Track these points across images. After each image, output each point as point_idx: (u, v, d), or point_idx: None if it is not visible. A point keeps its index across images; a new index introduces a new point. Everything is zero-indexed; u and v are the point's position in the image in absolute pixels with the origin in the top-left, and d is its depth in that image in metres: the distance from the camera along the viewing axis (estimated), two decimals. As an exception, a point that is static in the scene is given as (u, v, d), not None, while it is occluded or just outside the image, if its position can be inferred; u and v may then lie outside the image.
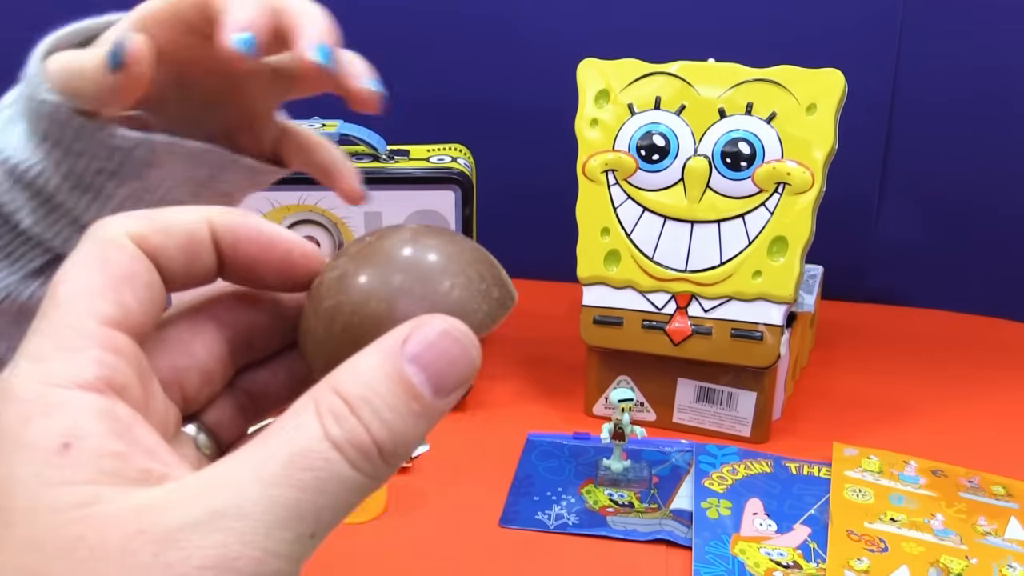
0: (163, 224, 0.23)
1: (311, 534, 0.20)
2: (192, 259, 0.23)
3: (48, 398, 0.20)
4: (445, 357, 0.22)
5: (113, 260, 0.22)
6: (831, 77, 0.66)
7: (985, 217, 0.93)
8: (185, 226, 0.23)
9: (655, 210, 0.70)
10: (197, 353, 0.24)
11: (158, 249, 0.23)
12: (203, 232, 0.23)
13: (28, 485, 0.19)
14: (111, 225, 0.22)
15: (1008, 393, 0.80)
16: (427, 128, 0.85)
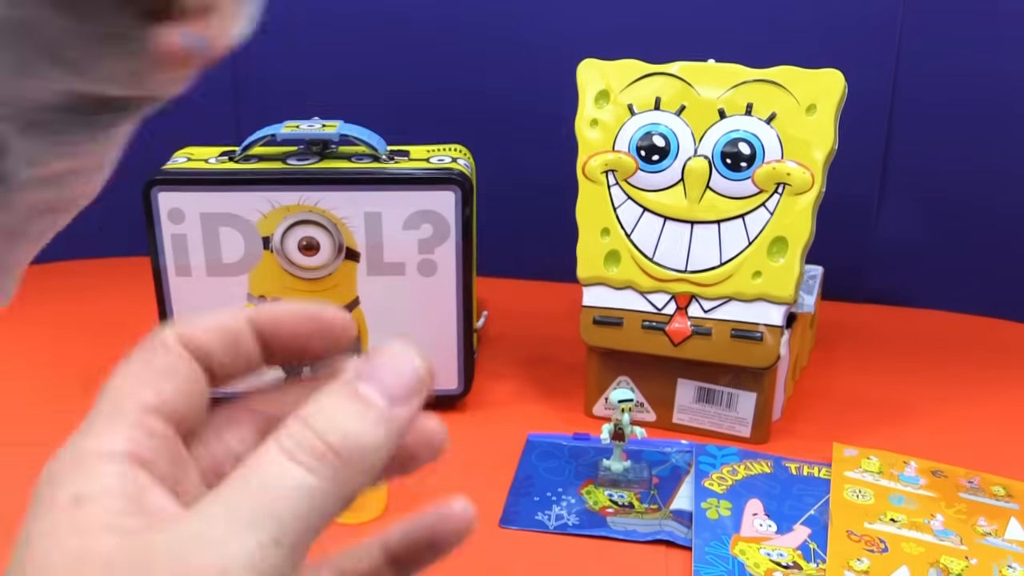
0: (207, 324, 0.26)
1: (275, 541, 0.21)
2: (235, 350, 0.27)
3: (77, 462, 0.24)
4: (391, 367, 0.24)
5: (158, 358, 0.26)
6: (831, 77, 0.66)
7: (985, 217, 0.93)
8: (226, 323, 0.27)
9: (655, 210, 0.70)
10: (230, 443, 0.27)
11: (203, 347, 0.26)
12: (241, 325, 0.27)
13: (42, 536, 0.23)
14: (164, 331, 0.26)
15: (1008, 393, 0.80)
16: (427, 128, 0.85)
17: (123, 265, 1.07)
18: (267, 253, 0.70)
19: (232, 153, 0.73)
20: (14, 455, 0.70)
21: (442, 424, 0.28)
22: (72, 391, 0.79)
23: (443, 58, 0.98)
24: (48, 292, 1.01)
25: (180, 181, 0.69)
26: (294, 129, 0.71)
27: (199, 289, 0.71)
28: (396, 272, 0.71)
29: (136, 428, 0.24)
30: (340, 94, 1.01)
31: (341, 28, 0.99)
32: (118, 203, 0.97)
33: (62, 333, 0.90)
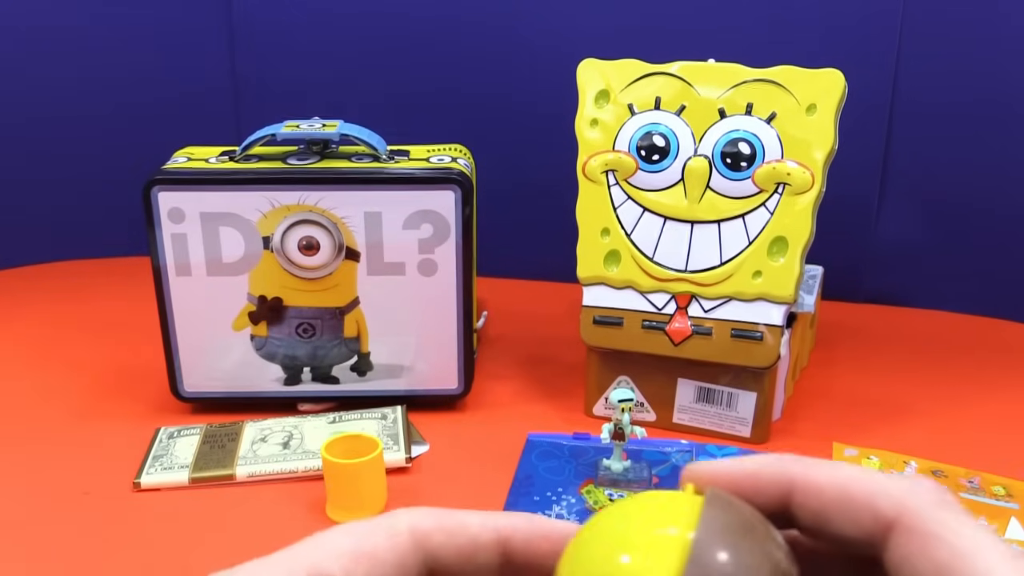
0: (452, 526, 0.26)
1: None
2: (468, 560, 0.26)
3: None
4: None
5: (373, 539, 0.25)
6: (831, 77, 0.66)
7: (985, 217, 0.93)
8: (470, 530, 0.26)
9: (655, 210, 0.70)
10: None
11: (438, 548, 0.26)
12: (487, 537, 0.26)
13: None
14: (405, 514, 0.26)
15: (1008, 393, 0.80)
16: (427, 128, 0.85)
17: (123, 265, 1.07)
18: (267, 253, 0.70)
19: (232, 153, 0.73)
20: (14, 455, 0.70)
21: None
22: (72, 391, 0.79)
23: (443, 58, 0.98)
24: (48, 292, 1.01)
25: (180, 181, 0.69)
26: (294, 129, 0.71)
27: (199, 289, 0.71)
28: (396, 272, 0.71)
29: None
30: (340, 94, 1.01)
31: (341, 28, 1.00)
32: (118, 203, 0.98)
33: (62, 333, 0.90)
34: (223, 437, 0.70)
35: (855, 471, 0.25)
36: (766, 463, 0.26)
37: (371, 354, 0.74)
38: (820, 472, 0.25)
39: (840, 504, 0.25)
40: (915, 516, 0.24)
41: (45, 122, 1.04)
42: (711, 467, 0.27)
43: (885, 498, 0.24)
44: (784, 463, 0.26)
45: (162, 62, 1.04)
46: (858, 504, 0.24)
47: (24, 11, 1.00)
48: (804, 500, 0.26)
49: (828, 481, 0.25)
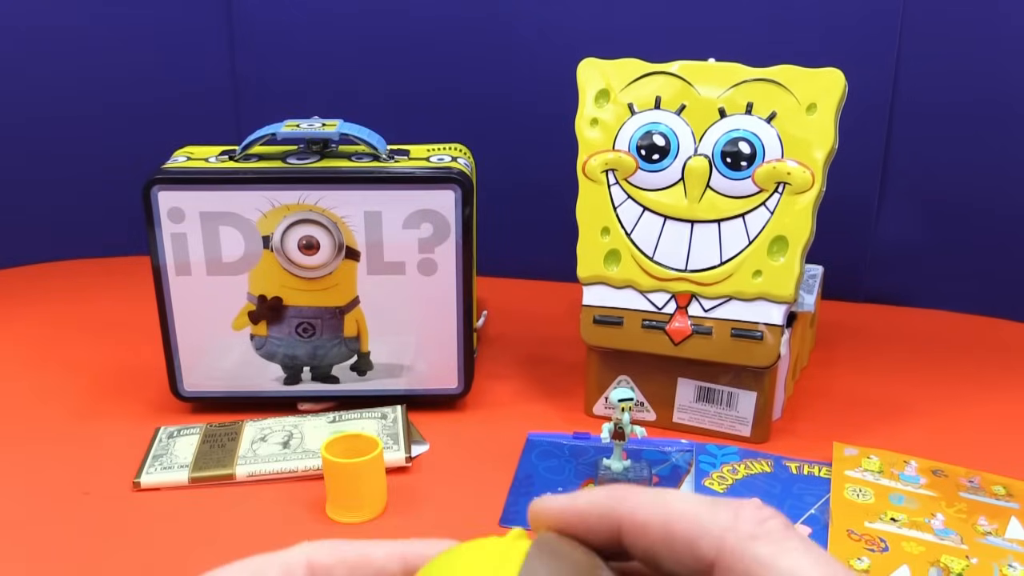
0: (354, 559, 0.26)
1: None
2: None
3: None
4: None
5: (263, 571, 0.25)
6: (831, 77, 0.66)
7: (985, 217, 0.93)
8: (375, 562, 0.26)
9: (655, 210, 0.70)
10: None
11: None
12: (393, 567, 0.26)
13: None
14: (303, 549, 0.26)
15: (1008, 393, 0.80)
16: (427, 128, 0.85)
17: (123, 265, 1.07)
18: (267, 252, 0.70)
19: (232, 152, 0.73)
20: (14, 455, 0.70)
21: None
22: (72, 391, 0.79)
23: (443, 58, 0.98)
24: (48, 292, 1.01)
25: (180, 180, 0.69)
26: (294, 128, 0.71)
27: (199, 288, 0.71)
28: (396, 271, 0.71)
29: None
30: (340, 94, 1.01)
31: (341, 28, 1.00)
32: (118, 203, 0.98)
33: (62, 333, 0.90)
34: (223, 437, 0.70)
35: (679, 506, 0.25)
36: (595, 501, 0.26)
37: (371, 354, 0.74)
38: (645, 510, 0.25)
39: (664, 544, 0.25)
40: (732, 555, 0.23)
41: (45, 122, 1.04)
42: (544, 507, 0.26)
43: (705, 539, 0.24)
44: (613, 500, 0.26)
45: (162, 62, 1.04)
46: (680, 545, 0.24)
47: (24, 11, 1.00)
48: (632, 540, 0.25)
49: (652, 520, 0.25)
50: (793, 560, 0.23)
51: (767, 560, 0.23)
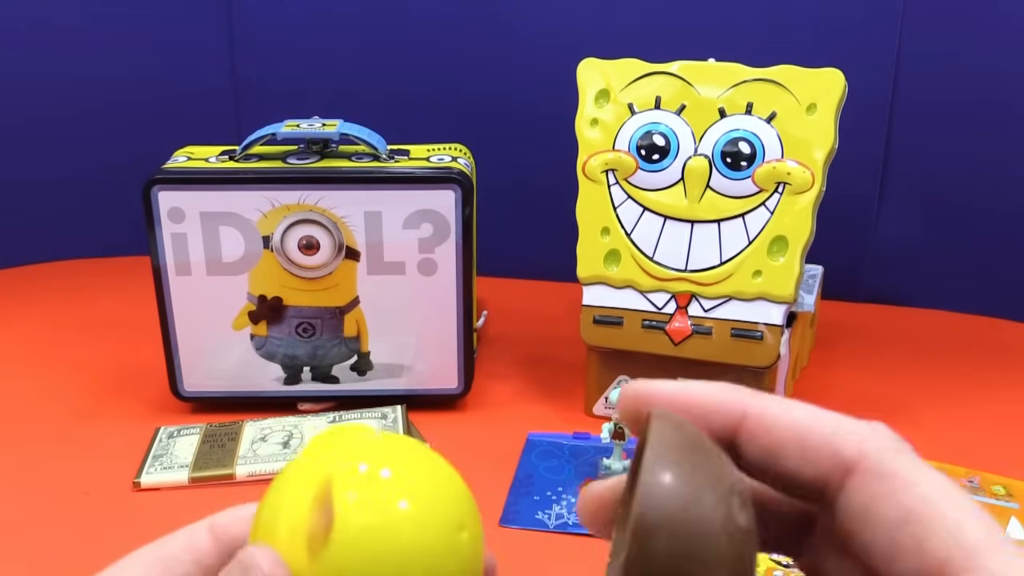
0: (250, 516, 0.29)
1: None
2: None
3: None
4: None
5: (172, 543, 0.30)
6: (831, 77, 0.66)
7: (985, 217, 0.93)
8: None
9: (655, 210, 0.70)
10: None
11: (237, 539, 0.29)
12: None
13: None
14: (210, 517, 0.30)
15: (1008, 393, 0.80)
16: (427, 128, 0.85)
17: (123, 265, 1.07)
18: (267, 252, 0.70)
19: (232, 152, 0.73)
20: (14, 455, 0.70)
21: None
22: (72, 391, 0.79)
23: (443, 58, 0.98)
24: (48, 292, 1.01)
25: (180, 180, 0.69)
26: (294, 128, 0.71)
27: (199, 288, 0.71)
28: (396, 271, 0.71)
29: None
30: (340, 94, 1.01)
31: (341, 28, 1.00)
32: (118, 203, 0.98)
33: (62, 333, 0.90)
34: (223, 437, 0.70)
35: (812, 410, 0.24)
36: (719, 389, 0.25)
37: (371, 354, 0.74)
38: (775, 407, 0.24)
39: (796, 442, 0.24)
40: (878, 460, 0.23)
41: (45, 122, 1.04)
42: (649, 390, 0.26)
43: (848, 439, 0.24)
44: (738, 392, 0.25)
45: (162, 62, 1.04)
46: (817, 443, 0.24)
47: (24, 11, 1.00)
48: (755, 434, 0.24)
49: (784, 417, 0.24)
50: (940, 479, 0.22)
51: (916, 472, 0.22)
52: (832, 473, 0.24)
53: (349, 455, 0.25)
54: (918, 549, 0.22)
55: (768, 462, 0.24)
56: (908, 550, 0.22)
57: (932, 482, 0.22)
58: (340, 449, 0.25)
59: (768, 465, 0.24)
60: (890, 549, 0.22)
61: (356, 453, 0.25)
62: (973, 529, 0.22)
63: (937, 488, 0.22)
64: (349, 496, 0.23)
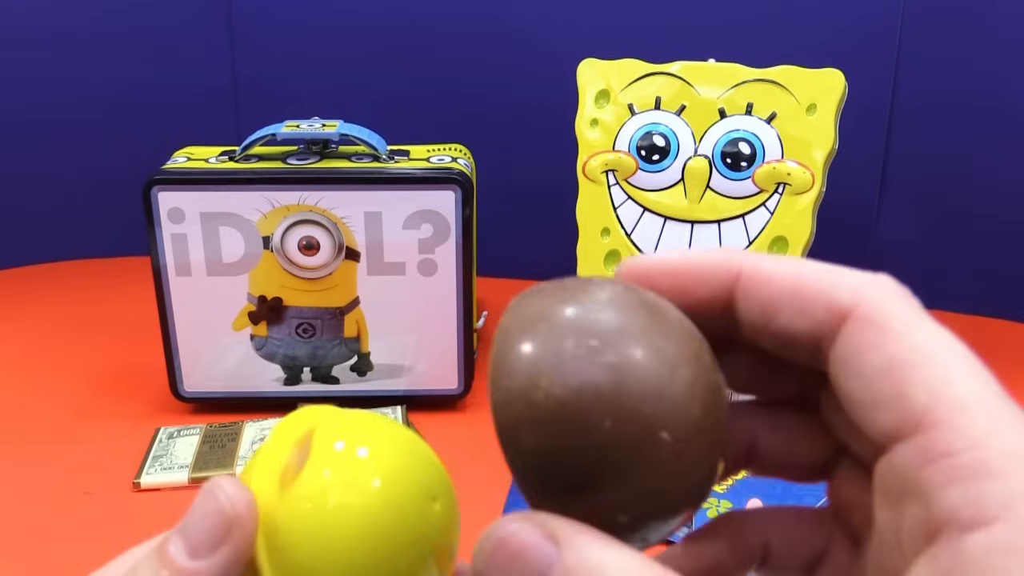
0: None
1: None
2: None
3: None
4: (198, 514, 0.23)
5: None
6: (831, 77, 0.66)
7: (985, 217, 0.93)
8: None
9: (655, 210, 0.70)
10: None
11: None
12: None
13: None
14: None
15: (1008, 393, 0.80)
16: (427, 128, 0.85)
17: (123, 265, 1.07)
18: (267, 252, 0.70)
19: (232, 153, 0.73)
20: (14, 455, 0.70)
21: None
22: (72, 391, 0.79)
23: (443, 58, 0.98)
24: (48, 292, 1.01)
25: (180, 180, 0.69)
26: (294, 129, 0.71)
27: (199, 289, 0.71)
28: (396, 272, 0.71)
29: None
30: (340, 94, 1.01)
31: (341, 28, 1.00)
32: (118, 203, 0.98)
33: (62, 333, 0.90)
34: (223, 437, 0.70)
35: (810, 262, 0.23)
36: (713, 252, 0.24)
37: (371, 354, 0.74)
38: (771, 261, 0.24)
39: (792, 293, 0.23)
40: (873, 306, 0.22)
41: (45, 122, 1.04)
42: (652, 259, 0.25)
43: (843, 287, 0.22)
44: (733, 253, 0.24)
45: (162, 62, 1.04)
46: (812, 292, 0.23)
47: (24, 11, 1.00)
48: (750, 290, 0.23)
49: (779, 269, 0.23)
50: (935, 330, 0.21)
51: (911, 320, 0.21)
52: (827, 323, 0.22)
53: (329, 420, 0.24)
54: (898, 398, 0.20)
55: (766, 319, 0.23)
56: (888, 400, 0.20)
57: (928, 331, 0.21)
58: (317, 416, 0.25)
59: (766, 323, 0.23)
60: (871, 399, 0.20)
61: (335, 419, 0.25)
62: (962, 381, 0.20)
63: (932, 338, 0.21)
64: (329, 443, 0.23)
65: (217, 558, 0.23)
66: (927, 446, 0.19)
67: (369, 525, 0.22)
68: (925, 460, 0.19)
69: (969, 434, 0.19)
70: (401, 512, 0.23)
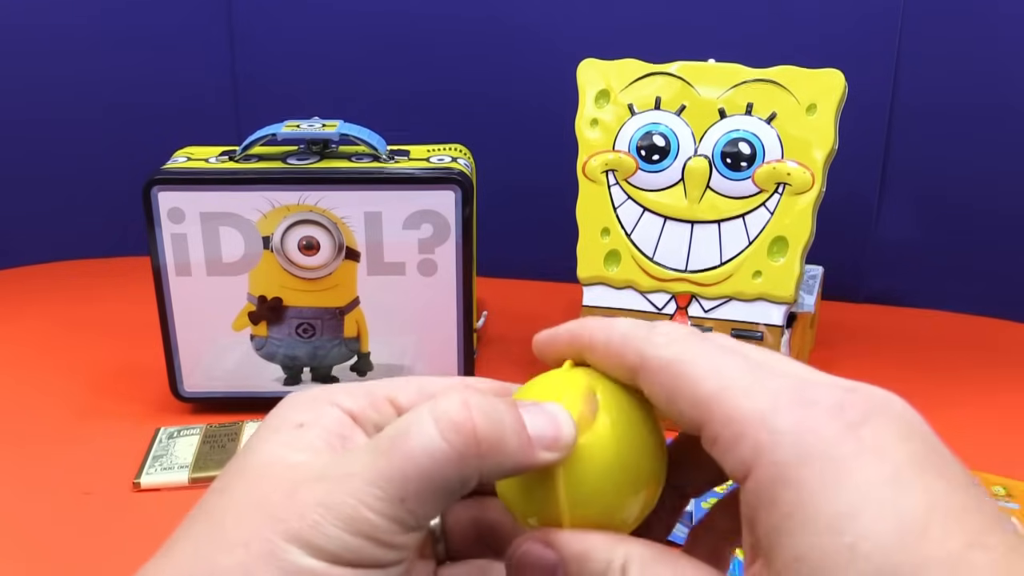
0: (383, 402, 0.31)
1: (400, 498, 0.25)
2: None
3: (313, 401, 0.30)
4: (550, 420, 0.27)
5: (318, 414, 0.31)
6: (831, 77, 0.66)
7: (985, 217, 0.93)
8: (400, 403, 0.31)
9: (655, 210, 0.70)
10: None
11: None
12: None
13: (263, 443, 0.29)
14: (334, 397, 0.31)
15: (1008, 393, 0.80)
16: (427, 128, 0.85)
17: (123, 265, 1.07)
18: (267, 252, 0.70)
19: (232, 153, 0.73)
20: (14, 454, 0.70)
21: None
22: (72, 391, 0.79)
23: (443, 58, 0.98)
24: (48, 292, 1.01)
25: (180, 180, 0.69)
26: (294, 129, 0.71)
27: (199, 289, 0.71)
28: (396, 272, 0.71)
29: (365, 399, 0.30)
30: (340, 94, 1.01)
31: (341, 28, 1.00)
32: (118, 203, 0.98)
33: (62, 333, 0.90)
34: (223, 437, 0.70)
35: (619, 327, 0.29)
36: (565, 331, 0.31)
37: (371, 354, 0.74)
38: (595, 332, 0.29)
39: (607, 358, 0.29)
40: (647, 359, 0.27)
41: (45, 122, 1.04)
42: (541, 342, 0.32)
43: (630, 349, 0.28)
44: (578, 327, 0.30)
45: (162, 62, 1.04)
46: (615, 358, 0.28)
47: (24, 11, 1.00)
48: (591, 358, 0.29)
49: (598, 338, 0.29)
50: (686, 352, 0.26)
51: (663, 357, 0.27)
52: (631, 379, 0.28)
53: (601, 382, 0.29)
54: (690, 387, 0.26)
55: None
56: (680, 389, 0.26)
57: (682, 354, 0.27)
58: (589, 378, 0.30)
59: None
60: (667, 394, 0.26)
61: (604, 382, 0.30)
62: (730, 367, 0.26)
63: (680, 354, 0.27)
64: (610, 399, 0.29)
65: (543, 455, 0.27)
66: None
67: (641, 453, 0.29)
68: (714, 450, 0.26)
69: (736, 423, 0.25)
70: (654, 445, 0.29)
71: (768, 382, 0.25)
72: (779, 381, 0.25)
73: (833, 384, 0.25)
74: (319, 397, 0.30)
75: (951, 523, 0.21)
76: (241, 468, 0.28)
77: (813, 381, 0.25)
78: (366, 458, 0.26)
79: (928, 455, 0.23)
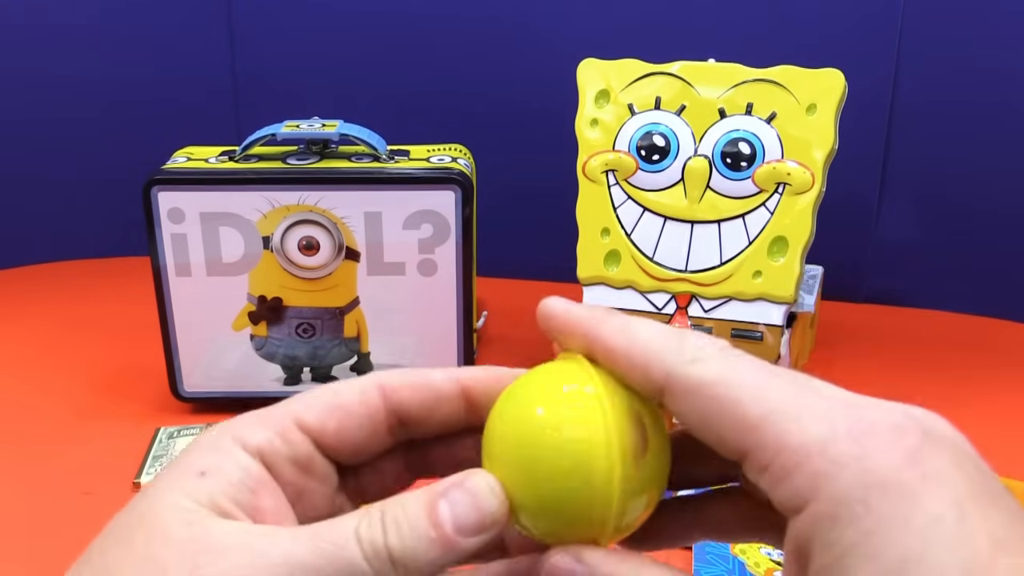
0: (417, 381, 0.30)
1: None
2: (433, 409, 0.30)
3: (217, 443, 0.28)
4: (473, 503, 0.26)
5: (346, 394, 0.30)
6: (831, 77, 0.66)
7: (985, 217, 0.93)
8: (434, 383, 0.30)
9: (655, 210, 0.70)
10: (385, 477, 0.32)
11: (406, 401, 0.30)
12: (450, 388, 0.30)
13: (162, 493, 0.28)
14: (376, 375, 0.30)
15: (1008, 393, 0.80)
16: (427, 128, 0.85)
17: (123, 265, 1.07)
18: (267, 253, 0.70)
19: (232, 153, 0.73)
20: (14, 454, 0.70)
21: None
22: (72, 391, 0.79)
23: (443, 58, 0.98)
24: (48, 292, 1.01)
25: (180, 181, 0.69)
26: (294, 129, 0.72)
27: (199, 289, 0.71)
28: (396, 272, 0.71)
29: (277, 435, 0.28)
30: (340, 94, 1.01)
31: (341, 28, 0.99)
32: (118, 203, 0.98)
33: (62, 333, 0.90)
34: (223, 437, 0.70)
35: (642, 334, 0.27)
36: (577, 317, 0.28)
37: (371, 354, 0.74)
38: (613, 338, 0.27)
39: (628, 370, 0.27)
40: (675, 377, 0.25)
41: (45, 122, 1.04)
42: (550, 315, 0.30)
43: (655, 364, 0.26)
44: (591, 320, 0.28)
45: (162, 62, 1.04)
46: (638, 371, 0.26)
47: (24, 11, 1.00)
48: (603, 364, 0.27)
49: (617, 346, 0.27)
50: (724, 372, 0.25)
51: (698, 377, 0.25)
52: (655, 394, 0.26)
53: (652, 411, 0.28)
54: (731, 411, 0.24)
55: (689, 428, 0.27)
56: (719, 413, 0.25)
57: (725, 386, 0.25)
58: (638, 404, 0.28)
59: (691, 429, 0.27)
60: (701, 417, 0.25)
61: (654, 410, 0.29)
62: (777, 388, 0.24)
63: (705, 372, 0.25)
64: (657, 430, 0.28)
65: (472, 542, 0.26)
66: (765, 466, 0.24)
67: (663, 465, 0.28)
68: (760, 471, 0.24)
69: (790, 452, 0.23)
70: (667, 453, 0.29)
71: (818, 406, 0.24)
72: (828, 404, 0.24)
73: (882, 407, 0.24)
74: (223, 436, 0.28)
75: (1017, 560, 0.21)
76: (141, 517, 0.28)
77: (862, 404, 0.24)
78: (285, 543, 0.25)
79: (984, 482, 0.23)
